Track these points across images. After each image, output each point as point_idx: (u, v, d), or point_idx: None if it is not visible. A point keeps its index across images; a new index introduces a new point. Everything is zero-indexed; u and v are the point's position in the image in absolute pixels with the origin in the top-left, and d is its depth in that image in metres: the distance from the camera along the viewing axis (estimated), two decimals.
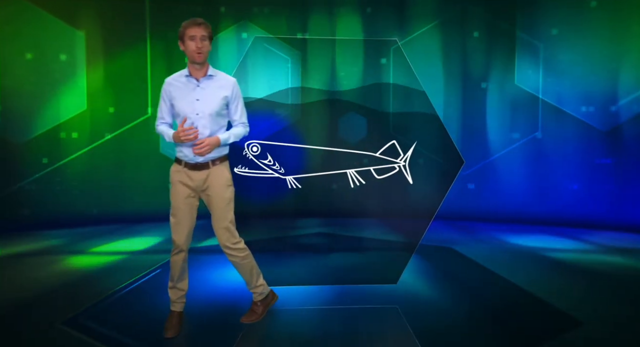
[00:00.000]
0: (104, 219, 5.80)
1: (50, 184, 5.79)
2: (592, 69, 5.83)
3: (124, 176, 6.04)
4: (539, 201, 6.09)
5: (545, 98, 6.03)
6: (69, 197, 5.85)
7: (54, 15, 5.65)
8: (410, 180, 4.15)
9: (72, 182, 5.87)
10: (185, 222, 2.57)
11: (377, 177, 4.18)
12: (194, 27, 2.46)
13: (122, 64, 5.99)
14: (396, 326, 2.73)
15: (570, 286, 3.48)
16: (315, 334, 2.62)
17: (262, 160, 3.90)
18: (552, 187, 6.07)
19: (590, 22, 5.83)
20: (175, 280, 2.63)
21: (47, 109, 5.76)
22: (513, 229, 5.59)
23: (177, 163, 2.59)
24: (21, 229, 5.33)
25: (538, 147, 6.11)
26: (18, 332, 2.64)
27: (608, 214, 5.78)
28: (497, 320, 2.86)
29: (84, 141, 5.90)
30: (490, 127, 6.29)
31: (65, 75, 5.79)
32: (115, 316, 2.88)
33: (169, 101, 2.58)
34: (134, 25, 5.97)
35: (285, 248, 4.68)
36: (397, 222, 5.40)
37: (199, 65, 2.52)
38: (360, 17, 6.32)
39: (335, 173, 4.32)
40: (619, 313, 2.93)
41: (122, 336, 2.58)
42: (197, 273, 3.65)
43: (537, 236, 5.23)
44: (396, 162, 4.14)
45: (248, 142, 3.85)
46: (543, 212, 6.00)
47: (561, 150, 6.01)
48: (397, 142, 4.12)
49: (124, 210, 5.97)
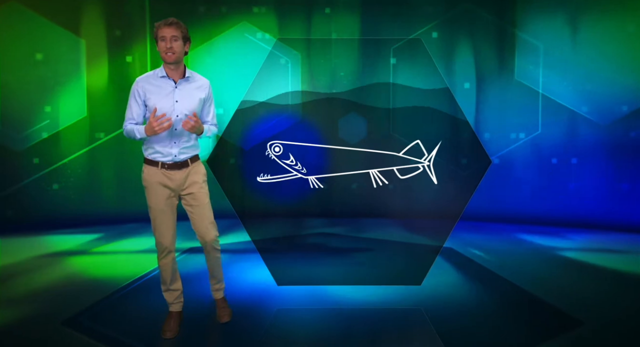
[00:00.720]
0: (103, 219, 5.77)
1: (50, 184, 5.76)
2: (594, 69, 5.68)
3: (123, 176, 5.99)
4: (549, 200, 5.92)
5: (545, 93, 5.87)
6: (68, 197, 5.81)
7: (54, 21, 5.65)
8: (434, 180, 4.07)
9: (72, 182, 5.83)
10: (169, 223, 2.54)
11: (401, 177, 4.10)
12: (164, 27, 2.43)
13: (122, 64, 5.94)
14: (421, 327, 2.67)
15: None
16: (339, 334, 2.59)
17: (284, 160, 3.89)
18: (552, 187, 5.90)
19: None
20: (169, 283, 2.60)
21: (48, 109, 5.74)
22: (528, 229, 5.42)
23: (151, 165, 2.52)
24: (21, 229, 5.29)
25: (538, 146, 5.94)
26: (18, 332, 2.62)
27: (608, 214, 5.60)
28: (524, 322, 2.76)
29: (84, 141, 5.89)
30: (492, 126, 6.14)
31: (65, 76, 5.76)
32: (115, 316, 2.87)
33: (142, 101, 2.50)
34: (134, 26, 5.92)
35: (308, 248, 4.66)
36: (421, 222, 5.30)
37: (174, 65, 2.48)
38: (364, 17, 6.27)
39: (359, 173, 4.27)
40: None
41: (121, 336, 2.57)
42: (194, 274, 3.63)
43: (554, 235, 5.04)
44: (420, 162, 4.06)
45: (270, 143, 3.84)
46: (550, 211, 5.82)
47: (558, 149, 5.82)
48: (421, 141, 4.04)
49: (124, 210, 5.91)
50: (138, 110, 2.51)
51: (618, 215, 5.52)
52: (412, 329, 2.66)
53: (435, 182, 4.08)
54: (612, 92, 5.56)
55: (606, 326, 2.68)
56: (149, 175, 2.52)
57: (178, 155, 2.52)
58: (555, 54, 5.80)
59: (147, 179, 2.52)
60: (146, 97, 2.48)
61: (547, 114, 5.84)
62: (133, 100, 2.51)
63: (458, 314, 2.86)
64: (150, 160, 2.52)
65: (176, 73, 2.51)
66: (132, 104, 2.51)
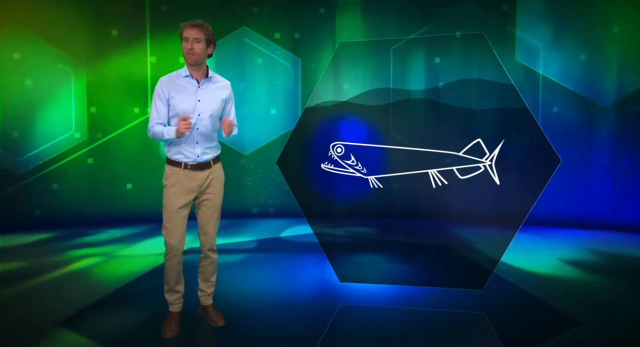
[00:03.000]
0: (103, 219, 5.80)
1: (50, 184, 5.81)
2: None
3: (124, 176, 6.07)
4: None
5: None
6: (68, 197, 5.86)
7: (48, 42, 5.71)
8: (497, 180, 3.96)
9: (72, 182, 5.89)
10: (180, 226, 2.52)
11: (461, 178, 4.04)
12: (188, 28, 2.45)
13: (122, 65, 6.00)
14: (483, 333, 2.64)
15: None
16: (399, 334, 2.61)
17: (345, 160, 3.97)
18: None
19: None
20: (172, 284, 2.59)
21: (48, 113, 5.85)
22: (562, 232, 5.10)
23: (175, 166, 2.52)
24: (20, 229, 5.30)
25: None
26: (17, 332, 2.63)
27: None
28: (593, 327, 2.65)
29: (84, 142, 5.94)
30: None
31: (66, 76, 5.80)
32: (115, 316, 2.87)
33: (166, 101, 2.50)
34: (134, 26, 5.98)
35: (370, 248, 4.72)
36: (483, 225, 5.18)
37: (197, 66, 2.50)
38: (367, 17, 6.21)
39: (418, 173, 4.26)
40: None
41: (121, 336, 2.57)
42: (194, 274, 3.72)
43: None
44: (481, 162, 3.96)
45: (333, 144, 3.93)
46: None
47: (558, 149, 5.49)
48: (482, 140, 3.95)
49: (124, 210, 5.98)
50: (163, 110, 2.51)
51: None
52: (474, 335, 2.64)
53: (497, 183, 3.97)
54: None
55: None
56: (170, 174, 2.52)
57: (201, 155, 2.53)
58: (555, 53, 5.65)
59: (168, 178, 2.52)
60: (170, 96, 2.49)
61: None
62: (158, 100, 2.51)
63: (521, 321, 2.81)
64: (174, 161, 2.53)
65: (199, 73, 2.53)
66: (157, 104, 2.51)
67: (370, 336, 2.58)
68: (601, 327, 2.72)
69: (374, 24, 6.31)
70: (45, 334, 2.61)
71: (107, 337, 2.56)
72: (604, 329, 2.71)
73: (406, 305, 3.06)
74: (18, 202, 5.69)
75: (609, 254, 4.36)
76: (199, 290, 2.77)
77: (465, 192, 4.90)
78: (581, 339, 2.58)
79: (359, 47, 6.23)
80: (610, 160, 5.78)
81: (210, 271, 2.72)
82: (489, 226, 4.95)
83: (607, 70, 5.73)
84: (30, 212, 5.74)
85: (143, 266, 3.95)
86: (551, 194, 5.67)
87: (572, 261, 4.12)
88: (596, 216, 5.64)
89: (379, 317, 2.85)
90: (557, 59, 5.89)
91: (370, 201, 6.02)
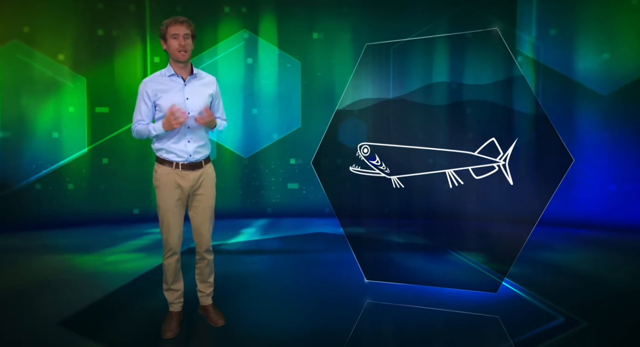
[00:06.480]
0: (103, 219, 5.82)
1: (50, 184, 5.83)
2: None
3: (124, 176, 6.07)
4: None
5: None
6: (68, 197, 5.88)
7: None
8: (510, 181, 3.95)
9: (73, 182, 5.90)
10: (177, 224, 2.51)
11: (476, 178, 4.03)
12: (176, 25, 2.38)
13: (123, 65, 6.01)
14: (497, 337, 2.62)
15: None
16: (415, 333, 2.63)
17: (371, 161, 4.01)
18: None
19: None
20: (170, 282, 2.59)
21: (48, 113, 5.85)
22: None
23: (164, 165, 2.49)
24: (20, 229, 5.31)
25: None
26: (17, 332, 2.62)
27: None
28: (609, 331, 2.63)
29: (84, 141, 5.96)
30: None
31: (65, 76, 5.80)
32: (115, 316, 2.86)
33: (151, 101, 2.45)
34: (134, 26, 5.97)
35: (387, 247, 4.73)
36: (496, 226, 5.18)
37: (183, 64, 2.45)
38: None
39: (435, 173, 4.26)
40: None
41: (121, 336, 2.57)
42: (194, 274, 3.71)
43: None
44: (495, 161, 3.96)
45: (360, 144, 3.96)
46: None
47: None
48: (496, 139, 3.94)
49: (124, 210, 6.00)
50: (147, 111, 2.46)
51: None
52: (488, 338, 2.61)
53: (511, 183, 3.97)
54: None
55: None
56: (161, 175, 2.49)
57: (193, 154, 2.50)
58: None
59: (159, 179, 2.49)
60: (157, 96, 2.44)
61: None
62: (142, 101, 2.46)
63: (536, 326, 2.78)
64: (164, 159, 2.49)
65: (184, 71, 2.49)
66: (140, 105, 2.46)
67: (385, 335, 2.62)
68: (606, 330, 2.69)
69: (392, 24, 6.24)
70: (45, 334, 2.59)
71: (107, 338, 2.55)
72: (609, 331, 2.67)
73: (421, 305, 3.07)
74: (18, 203, 5.70)
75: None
76: (198, 291, 2.75)
77: (480, 192, 4.90)
78: (584, 340, 2.61)
79: (382, 49, 6.21)
80: (612, 160, 5.73)
81: (207, 272, 2.70)
82: (500, 225, 4.95)
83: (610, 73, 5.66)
84: (31, 213, 5.74)
85: (143, 265, 3.94)
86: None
87: (574, 262, 4.12)
88: (597, 216, 5.62)
89: (392, 317, 2.88)
90: (557, 58, 5.82)
91: (395, 201, 6.03)
